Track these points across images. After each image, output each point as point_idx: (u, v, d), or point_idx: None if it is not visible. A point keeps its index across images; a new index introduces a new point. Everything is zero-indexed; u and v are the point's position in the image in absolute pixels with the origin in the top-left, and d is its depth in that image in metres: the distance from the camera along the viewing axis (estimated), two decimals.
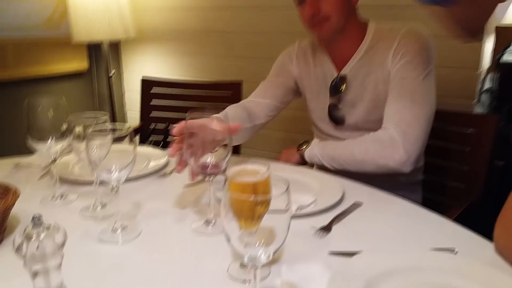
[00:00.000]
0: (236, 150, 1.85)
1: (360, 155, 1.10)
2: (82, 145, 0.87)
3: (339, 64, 1.24)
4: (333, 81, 1.25)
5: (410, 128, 1.07)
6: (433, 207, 1.14)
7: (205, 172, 0.84)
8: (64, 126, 0.94)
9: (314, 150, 1.19)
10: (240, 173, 0.70)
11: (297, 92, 1.37)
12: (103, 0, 2.00)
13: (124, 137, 0.79)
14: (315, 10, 1.13)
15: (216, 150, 0.85)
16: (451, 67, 1.62)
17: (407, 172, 1.08)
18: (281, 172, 1.14)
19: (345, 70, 1.22)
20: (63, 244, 0.55)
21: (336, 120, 1.27)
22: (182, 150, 0.89)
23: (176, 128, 0.91)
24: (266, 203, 0.57)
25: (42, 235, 0.52)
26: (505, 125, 2.23)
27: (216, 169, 0.84)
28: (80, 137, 0.91)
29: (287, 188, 0.55)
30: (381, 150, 1.08)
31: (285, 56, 1.36)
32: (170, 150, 0.91)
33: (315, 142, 1.21)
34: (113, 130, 0.83)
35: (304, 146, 1.21)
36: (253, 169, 0.72)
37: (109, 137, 0.80)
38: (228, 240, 0.55)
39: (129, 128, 0.81)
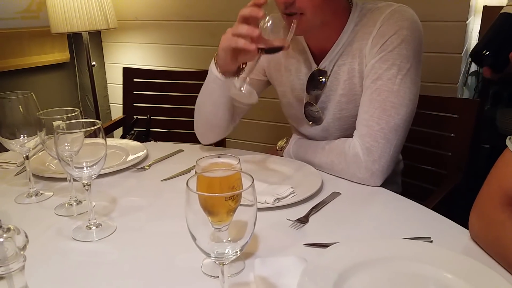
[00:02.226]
0: (220, 141, 1.84)
1: (326, 165, 1.06)
2: (53, 142, 0.85)
3: (318, 56, 1.11)
4: (311, 75, 1.13)
5: (375, 144, 0.99)
6: (414, 193, 1.14)
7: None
8: (35, 122, 0.92)
9: (290, 151, 1.17)
10: (210, 167, 0.69)
11: (269, 83, 1.27)
12: None
13: (95, 132, 0.77)
14: None
15: None
16: (434, 52, 1.61)
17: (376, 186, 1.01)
18: (262, 163, 1.13)
19: (324, 63, 1.10)
20: (24, 247, 0.53)
21: (313, 120, 1.18)
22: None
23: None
24: (236, 198, 0.56)
25: (1, 239, 0.51)
26: (491, 108, 2.24)
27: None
28: (51, 134, 0.89)
29: (252, 183, 0.53)
30: (345, 165, 1.03)
31: None
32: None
33: (291, 141, 1.18)
34: (84, 125, 0.81)
35: (283, 145, 1.19)
36: (224, 163, 0.71)
37: (80, 134, 0.79)
38: (194, 239, 0.54)
39: (99, 123, 0.79)
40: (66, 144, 0.78)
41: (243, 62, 1.04)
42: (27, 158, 0.96)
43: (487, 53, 0.90)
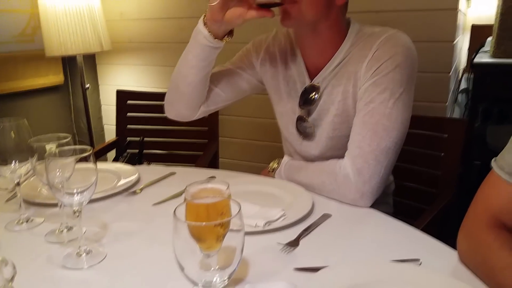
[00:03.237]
0: (213, 162, 1.85)
1: (318, 186, 1.07)
2: (44, 168, 0.85)
3: (313, 71, 1.14)
4: (304, 90, 1.16)
5: (366, 165, 1.00)
6: (406, 213, 1.15)
7: None
8: (27, 148, 0.92)
9: (281, 172, 1.18)
10: (199, 193, 0.70)
11: (257, 88, 1.29)
12: (76, 13, 1.98)
13: (85, 158, 0.78)
14: None
15: None
16: (423, 71, 1.64)
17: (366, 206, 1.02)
18: (253, 184, 1.13)
19: (318, 79, 1.12)
20: (12, 278, 0.53)
21: (304, 134, 1.20)
22: None
23: None
24: (225, 224, 0.57)
25: None
26: (481, 125, 2.27)
27: None
28: (43, 159, 0.90)
29: (239, 211, 0.54)
30: (335, 186, 1.04)
31: (254, 46, 1.26)
32: None
33: (283, 163, 1.19)
34: (75, 152, 0.82)
35: (275, 166, 1.20)
36: (213, 188, 0.72)
37: (71, 160, 0.79)
38: (182, 269, 0.54)
39: (90, 150, 0.80)
40: (57, 170, 0.79)
41: (229, 17, 1.02)
42: (18, 184, 0.96)
43: None
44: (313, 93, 1.14)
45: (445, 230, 1.12)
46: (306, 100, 1.15)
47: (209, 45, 1.07)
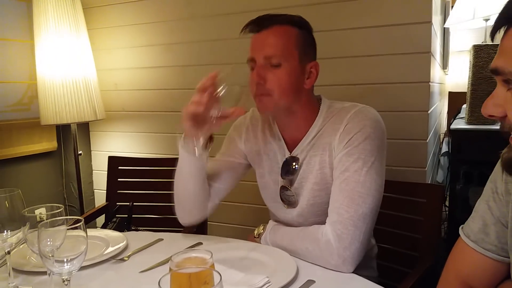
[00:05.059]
0: (202, 226, 1.87)
1: (301, 251, 1.10)
2: (35, 237, 0.88)
3: (291, 144, 1.23)
4: (285, 161, 1.23)
5: (345, 231, 1.05)
6: (390, 276, 1.17)
7: None
8: (20, 218, 0.95)
9: (266, 237, 1.21)
10: (183, 262, 0.74)
11: (249, 167, 1.36)
12: (72, 84, 2.08)
13: (76, 227, 0.82)
14: (261, 79, 1.12)
15: None
16: (402, 138, 1.73)
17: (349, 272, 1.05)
18: (239, 250, 1.16)
19: (296, 152, 1.21)
20: None
21: (288, 203, 1.25)
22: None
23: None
24: None
25: None
26: (463, 187, 2.34)
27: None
28: (34, 229, 0.93)
29: (220, 281, 0.58)
30: (318, 252, 1.07)
31: (235, 130, 1.35)
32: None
33: (268, 228, 1.23)
34: (67, 222, 0.86)
35: (261, 231, 1.24)
36: (196, 257, 0.75)
37: (62, 229, 0.83)
38: None
39: (81, 220, 0.84)
40: (48, 239, 0.82)
41: (204, 130, 1.10)
42: (8, 253, 0.98)
43: None
44: (294, 164, 1.22)
45: None
46: (288, 170, 1.23)
47: (194, 156, 1.15)
